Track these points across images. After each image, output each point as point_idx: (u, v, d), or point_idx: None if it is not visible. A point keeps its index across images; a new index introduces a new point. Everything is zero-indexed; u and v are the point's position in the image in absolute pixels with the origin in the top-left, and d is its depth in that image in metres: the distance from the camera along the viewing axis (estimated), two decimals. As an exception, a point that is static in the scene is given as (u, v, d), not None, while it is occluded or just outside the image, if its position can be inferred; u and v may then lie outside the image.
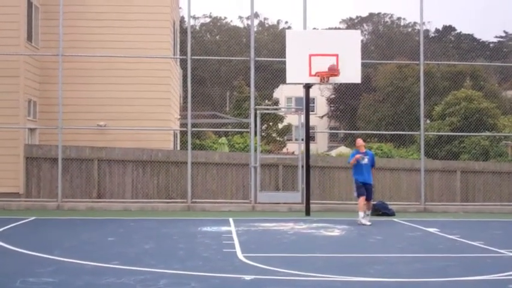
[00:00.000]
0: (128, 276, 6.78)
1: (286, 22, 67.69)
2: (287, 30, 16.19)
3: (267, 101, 35.86)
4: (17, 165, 15.90)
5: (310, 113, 15.31)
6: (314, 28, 30.14)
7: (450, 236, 10.80)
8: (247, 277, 6.80)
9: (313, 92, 15.36)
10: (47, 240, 10.01)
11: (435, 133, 25.70)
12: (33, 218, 13.24)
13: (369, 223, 12.46)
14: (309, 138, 14.92)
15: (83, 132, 17.27)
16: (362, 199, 12.60)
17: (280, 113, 32.53)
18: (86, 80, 17.72)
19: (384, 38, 52.84)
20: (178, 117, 21.24)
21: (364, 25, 63.74)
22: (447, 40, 54.26)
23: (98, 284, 6.40)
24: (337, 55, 14.25)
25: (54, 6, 16.75)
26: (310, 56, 14.21)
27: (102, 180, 16.11)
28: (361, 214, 12.54)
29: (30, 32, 17.11)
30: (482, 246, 9.62)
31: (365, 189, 12.67)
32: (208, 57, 36.83)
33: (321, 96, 44.35)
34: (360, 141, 13.16)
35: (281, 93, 42.49)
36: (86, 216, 13.99)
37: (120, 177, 16.17)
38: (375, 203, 15.45)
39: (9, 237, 10.06)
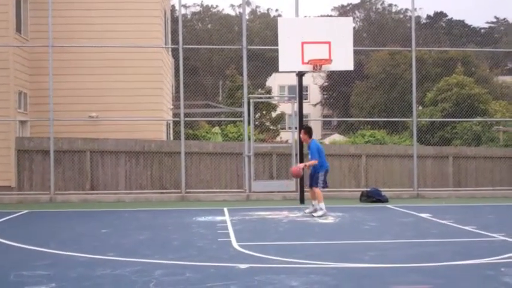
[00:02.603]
0: (123, 267, 6.78)
1: (277, 10, 67.54)
2: (279, 18, 16.13)
3: (260, 89, 35.80)
4: (8, 158, 15.83)
5: (304, 101, 15.30)
6: (306, 16, 30.06)
7: (443, 221, 10.86)
8: (243, 266, 6.82)
9: (306, 80, 15.34)
10: (40, 233, 9.99)
11: (427, 119, 25.76)
12: (26, 211, 13.20)
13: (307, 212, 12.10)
14: (302, 126, 14.90)
15: (74, 123, 17.21)
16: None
17: (274, 102, 32.50)
18: (77, 71, 17.64)
19: (375, 25, 52.80)
20: (171, 107, 21.19)
21: (356, 12, 63.64)
22: (438, 26, 54.28)
23: (93, 275, 6.39)
24: (329, 42, 14.23)
25: (43, -4, 16.61)
26: (303, 43, 14.18)
27: (95, 172, 16.08)
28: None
29: (19, 23, 16.98)
30: (474, 230, 9.68)
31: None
32: (200, 46, 36.75)
33: (314, 84, 44.33)
34: (301, 134, 12.55)
35: (274, 81, 42.45)
36: (80, 208, 13.96)
37: (113, 168, 16.14)
38: (368, 189, 15.53)
39: (2, 231, 10.03)
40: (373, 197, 14.93)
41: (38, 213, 12.93)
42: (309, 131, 12.49)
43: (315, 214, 11.75)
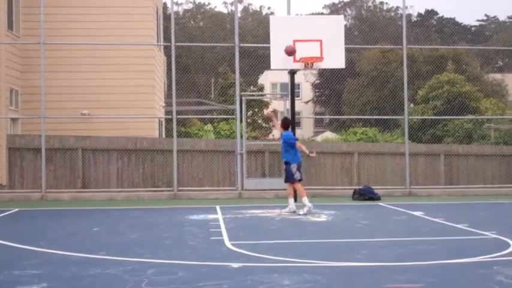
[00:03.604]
0: (115, 266, 6.75)
1: (269, 8, 67.51)
2: (271, 16, 16.11)
3: (252, 87, 35.77)
4: (-1, 156, 15.72)
5: (296, 98, 15.30)
6: (297, 14, 30.05)
7: (435, 219, 10.90)
8: (235, 265, 6.81)
9: (298, 78, 15.35)
10: (31, 231, 9.93)
11: (419, 117, 25.86)
12: (17, 209, 13.12)
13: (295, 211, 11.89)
14: (294, 123, 14.90)
15: (66, 121, 17.12)
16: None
17: (266, 99, 32.47)
18: (68, 68, 17.55)
19: (367, 23, 52.84)
20: (163, 104, 21.13)
21: (348, 10, 63.69)
22: (429, 24, 54.42)
23: (84, 275, 6.36)
24: (321, 40, 14.23)
25: (35, -7, 16.51)
26: (294, 41, 14.16)
27: (87, 170, 16.00)
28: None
29: (11, 20, 16.87)
30: (466, 228, 9.71)
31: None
32: (192, 44, 36.63)
33: (305, 82, 44.32)
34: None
35: (266, 79, 42.39)
36: (71, 206, 13.90)
37: (104, 166, 16.07)
38: (360, 187, 15.55)
39: (-6, 229, 9.96)
40: (365, 195, 14.96)
41: (29, 212, 12.86)
42: (283, 122, 12.43)
43: (300, 212, 11.65)
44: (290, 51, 13.17)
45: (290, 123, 12.68)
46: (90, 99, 17.54)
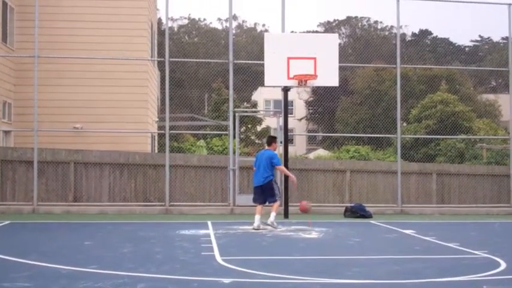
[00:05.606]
0: (106, 280, 6.72)
1: (264, 25, 67.94)
2: (265, 33, 16.22)
3: (245, 103, 35.89)
4: (-9, 168, 15.65)
5: (289, 115, 15.36)
6: (292, 31, 30.26)
7: (426, 238, 10.91)
8: (226, 280, 6.79)
9: (291, 95, 15.43)
10: (22, 244, 9.87)
11: (411, 136, 25.99)
12: (8, 222, 13.04)
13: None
14: (287, 140, 14.96)
15: (59, 134, 17.09)
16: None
17: (259, 116, 32.56)
18: (62, 81, 17.57)
19: (361, 42, 53.25)
20: (156, 119, 21.15)
21: (342, 28, 64.15)
22: (423, 44, 54.86)
23: (74, 288, 6.32)
24: (315, 58, 14.32)
25: (30, 7, 16.57)
26: (289, 59, 14.26)
27: (79, 183, 15.94)
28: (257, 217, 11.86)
29: (5, 33, 16.91)
30: (457, 247, 9.73)
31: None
32: (186, 60, 36.75)
33: (299, 99, 44.49)
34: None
35: (260, 95, 42.54)
36: (62, 220, 13.82)
37: (96, 180, 16.01)
38: (352, 205, 15.58)
39: (-16, 242, 9.88)
40: (357, 212, 14.98)
41: (20, 224, 12.78)
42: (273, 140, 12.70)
43: (255, 226, 11.65)
44: (304, 210, 13.12)
45: (269, 140, 12.66)
46: (83, 113, 17.54)
